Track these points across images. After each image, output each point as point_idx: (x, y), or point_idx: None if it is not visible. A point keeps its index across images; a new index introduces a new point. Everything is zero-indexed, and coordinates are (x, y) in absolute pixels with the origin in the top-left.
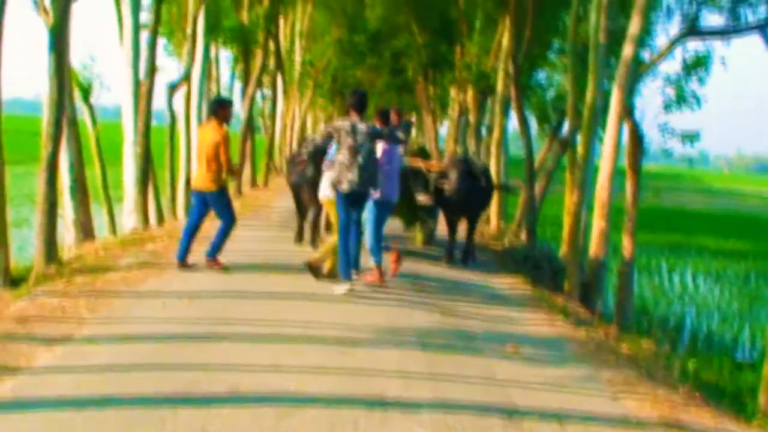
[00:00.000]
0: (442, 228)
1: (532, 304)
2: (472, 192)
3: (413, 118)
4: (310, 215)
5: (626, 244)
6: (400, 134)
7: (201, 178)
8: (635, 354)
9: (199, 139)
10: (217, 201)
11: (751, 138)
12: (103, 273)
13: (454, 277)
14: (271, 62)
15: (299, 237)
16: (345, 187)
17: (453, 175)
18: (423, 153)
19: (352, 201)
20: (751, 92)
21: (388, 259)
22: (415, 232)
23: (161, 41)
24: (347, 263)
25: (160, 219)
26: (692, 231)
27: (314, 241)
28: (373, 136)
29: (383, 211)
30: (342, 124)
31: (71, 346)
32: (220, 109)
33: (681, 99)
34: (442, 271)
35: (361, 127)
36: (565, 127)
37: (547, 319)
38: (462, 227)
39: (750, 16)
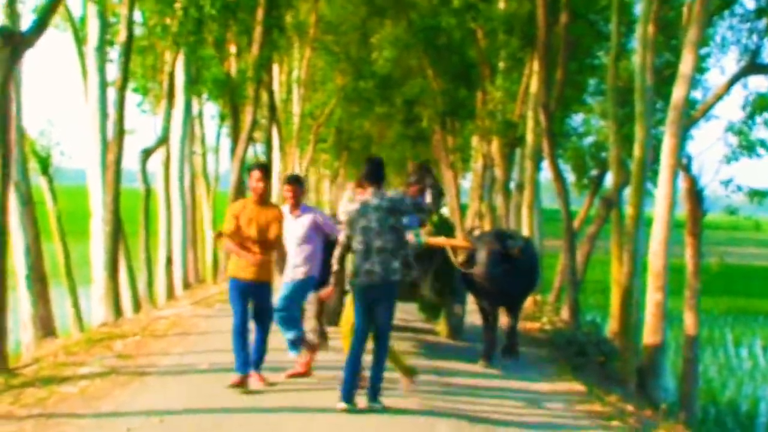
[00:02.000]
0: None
1: (580, 403)
2: (508, 276)
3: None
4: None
5: (689, 321)
6: (428, 199)
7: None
8: None
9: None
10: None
11: None
12: (60, 384)
13: (484, 376)
14: (265, 115)
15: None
16: (363, 279)
17: (482, 256)
18: (446, 226)
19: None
20: None
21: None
22: (439, 322)
23: (134, 98)
24: (352, 381)
25: (137, 307)
26: (756, 292)
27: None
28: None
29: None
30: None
31: None
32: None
33: (747, 147)
34: (470, 369)
35: (374, 202)
36: (607, 180)
37: (601, 423)
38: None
39: None
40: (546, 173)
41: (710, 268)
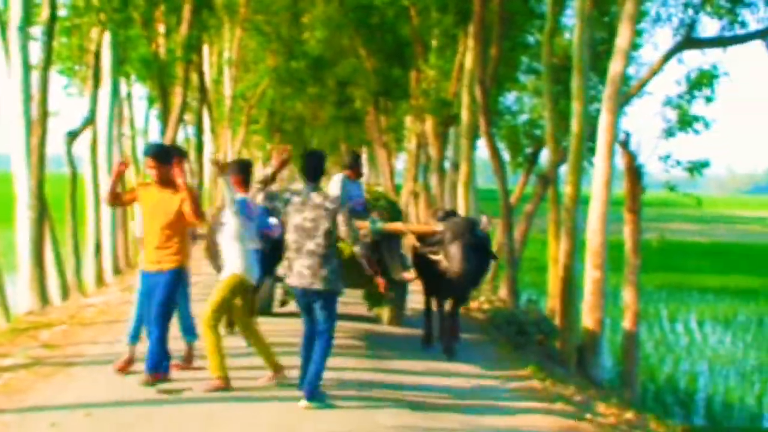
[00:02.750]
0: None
1: (522, 384)
2: (476, 270)
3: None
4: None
5: (629, 298)
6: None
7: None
8: None
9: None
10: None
11: (744, 156)
12: None
13: (425, 359)
14: (195, 96)
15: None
16: (294, 280)
17: (455, 249)
18: (394, 212)
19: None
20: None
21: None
22: (382, 309)
23: (61, 81)
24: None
25: (65, 294)
26: (691, 268)
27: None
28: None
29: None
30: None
31: None
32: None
33: (685, 123)
34: (410, 355)
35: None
36: (542, 157)
37: (545, 406)
38: None
39: (752, 21)
40: (480, 152)
41: (650, 244)
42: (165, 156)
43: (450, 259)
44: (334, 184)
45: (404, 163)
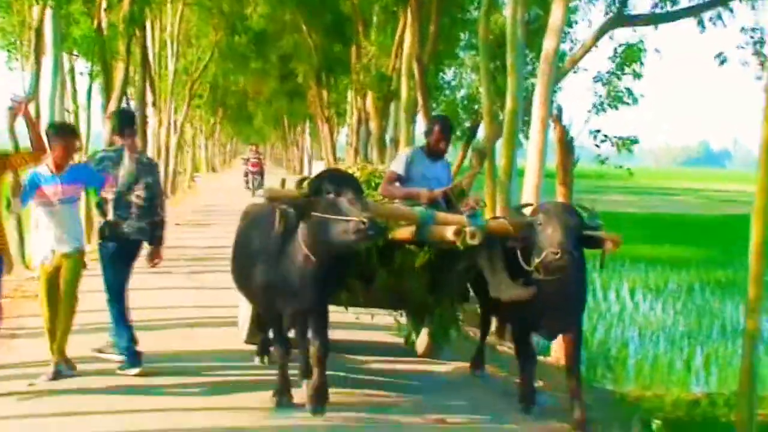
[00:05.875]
0: None
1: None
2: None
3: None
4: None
5: None
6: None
7: None
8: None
9: None
10: None
11: (679, 129)
12: None
13: (390, 361)
14: (138, 71)
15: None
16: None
17: (556, 233)
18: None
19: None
20: (677, 80)
21: None
22: (410, 332)
23: (2, 55)
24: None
25: (9, 269)
26: (624, 238)
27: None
28: None
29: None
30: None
31: None
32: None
33: (615, 98)
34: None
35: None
36: (480, 132)
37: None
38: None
39: None
40: (420, 126)
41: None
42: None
43: (556, 257)
44: (399, 158)
45: (346, 137)
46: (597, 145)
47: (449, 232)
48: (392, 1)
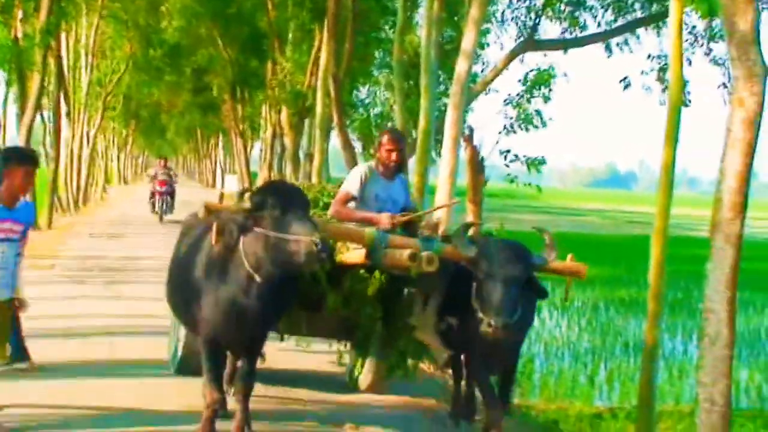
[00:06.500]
0: None
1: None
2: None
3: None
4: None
5: None
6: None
7: None
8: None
9: None
10: None
11: (586, 151)
12: None
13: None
14: (53, 82)
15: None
16: None
17: (496, 296)
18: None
19: None
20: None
21: None
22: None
23: None
24: None
25: None
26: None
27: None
28: None
29: None
30: None
31: None
32: None
33: (525, 120)
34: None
35: None
36: None
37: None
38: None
39: (592, 24)
40: (334, 142)
41: (491, 233)
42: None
43: (493, 299)
44: (353, 176)
45: (260, 151)
46: (507, 165)
47: (404, 257)
48: (308, 18)
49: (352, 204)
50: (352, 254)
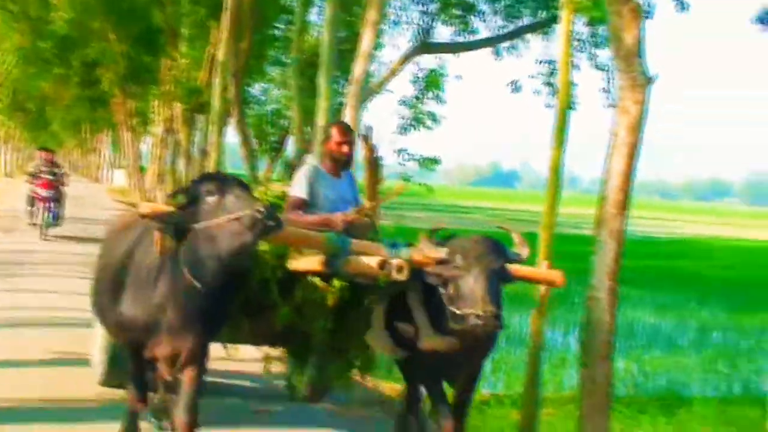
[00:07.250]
0: None
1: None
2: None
3: None
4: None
5: None
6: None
7: None
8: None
9: None
10: None
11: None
12: None
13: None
14: None
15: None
16: None
17: (478, 286)
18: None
19: None
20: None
21: None
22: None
23: None
24: None
25: None
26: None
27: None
28: None
29: None
30: None
31: None
32: None
33: (417, 120)
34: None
35: None
36: (289, 146)
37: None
38: None
39: (482, 28)
40: (227, 138)
41: (388, 229)
42: None
43: (472, 300)
44: (299, 179)
45: (149, 146)
46: (401, 164)
47: (372, 265)
48: (205, 14)
49: (300, 210)
50: (308, 261)
